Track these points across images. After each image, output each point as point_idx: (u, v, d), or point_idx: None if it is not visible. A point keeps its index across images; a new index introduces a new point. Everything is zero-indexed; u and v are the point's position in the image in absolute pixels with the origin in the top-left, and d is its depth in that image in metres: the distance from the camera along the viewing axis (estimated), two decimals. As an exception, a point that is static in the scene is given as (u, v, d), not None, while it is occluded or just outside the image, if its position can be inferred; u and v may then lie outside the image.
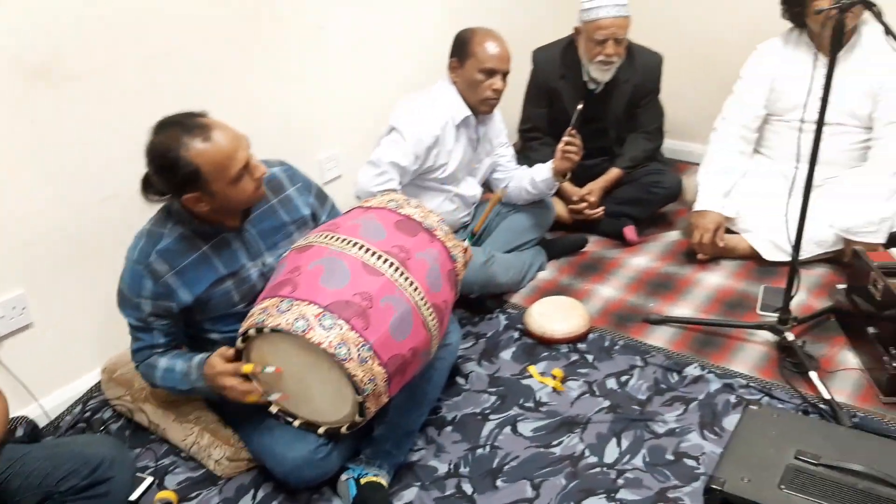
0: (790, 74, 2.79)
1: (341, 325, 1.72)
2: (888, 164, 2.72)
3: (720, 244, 2.85)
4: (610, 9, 2.81)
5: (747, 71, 2.94)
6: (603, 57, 2.88)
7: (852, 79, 2.72)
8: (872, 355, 2.21)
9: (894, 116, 2.70)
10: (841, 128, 2.82)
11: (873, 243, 2.66)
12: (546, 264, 2.95)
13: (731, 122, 2.94)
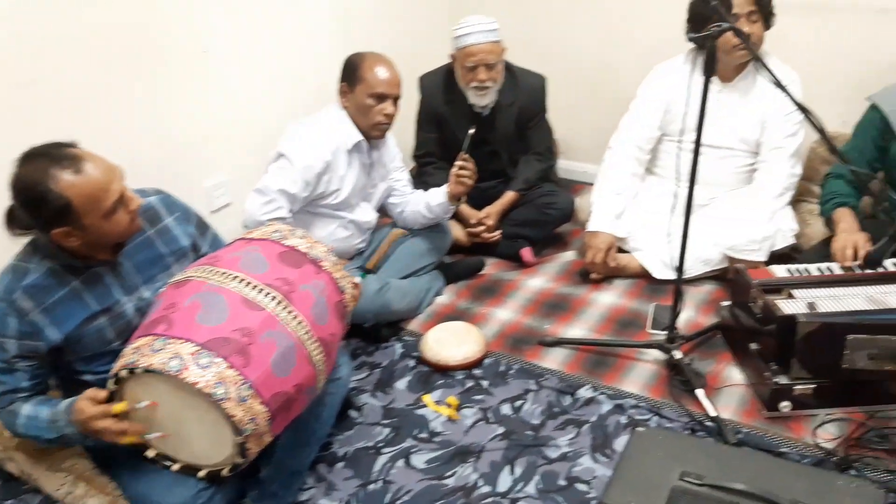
0: (685, 97, 2.87)
1: (219, 363, 1.65)
2: (771, 186, 2.84)
3: (612, 264, 2.90)
4: (478, 35, 2.85)
5: (643, 91, 3.01)
6: (476, 83, 2.92)
7: (746, 106, 2.84)
8: (755, 371, 2.28)
9: (780, 142, 2.82)
10: (731, 151, 2.92)
11: (755, 261, 2.76)
12: (444, 289, 2.94)
13: (626, 142, 3.00)
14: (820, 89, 3.12)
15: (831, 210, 2.60)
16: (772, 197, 2.82)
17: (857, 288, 2.30)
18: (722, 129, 2.87)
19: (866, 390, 2.18)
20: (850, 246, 2.39)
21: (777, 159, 2.83)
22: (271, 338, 1.74)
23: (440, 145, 3.18)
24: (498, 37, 2.91)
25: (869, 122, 2.60)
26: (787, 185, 2.84)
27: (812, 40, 3.10)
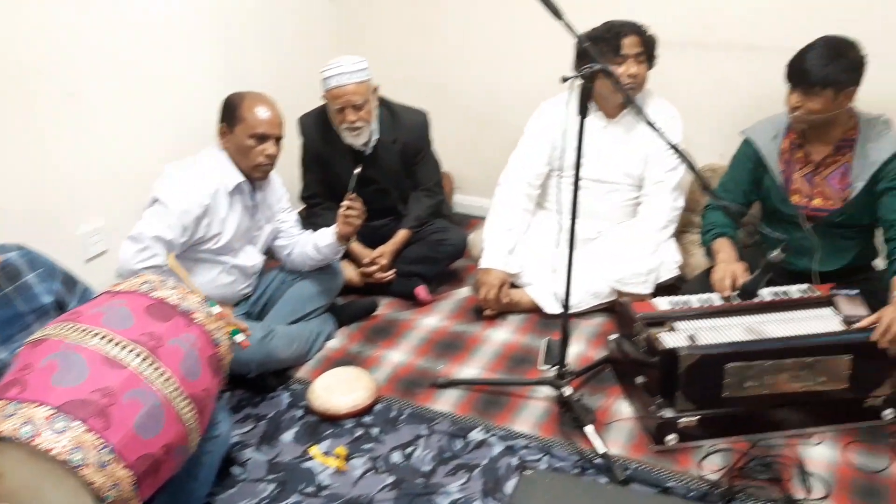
0: (571, 133, 2.92)
1: (76, 426, 1.56)
2: (655, 219, 2.91)
3: (505, 300, 2.91)
4: (342, 77, 2.85)
5: (531, 128, 3.05)
6: (346, 124, 2.91)
7: (630, 142, 2.92)
8: (642, 404, 2.31)
9: (661, 176, 2.91)
10: (616, 186, 2.99)
11: (642, 293, 2.82)
12: (335, 332, 2.88)
13: (515, 179, 3.03)
14: (700, 125, 3.25)
15: (711, 240, 2.69)
16: (655, 230, 2.90)
17: (736, 318, 2.38)
18: (607, 164, 2.94)
19: (748, 419, 2.24)
20: (727, 276, 2.47)
21: (659, 193, 2.91)
22: (135, 397, 1.66)
23: (325, 186, 3.14)
24: (366, 76, 2.90)
25: (743, 156, 2.71)
26: (671, 218, 2.92)
27: (690, 77, 3.23)
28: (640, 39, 2.78)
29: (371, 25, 3.77)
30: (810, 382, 2.20)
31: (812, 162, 2.58)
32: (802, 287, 2.51)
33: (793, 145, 2.61)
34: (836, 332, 2.27)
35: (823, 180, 2.57)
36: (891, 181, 2.46)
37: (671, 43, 3.12)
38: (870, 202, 2.52)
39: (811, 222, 2.59)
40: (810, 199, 2.59)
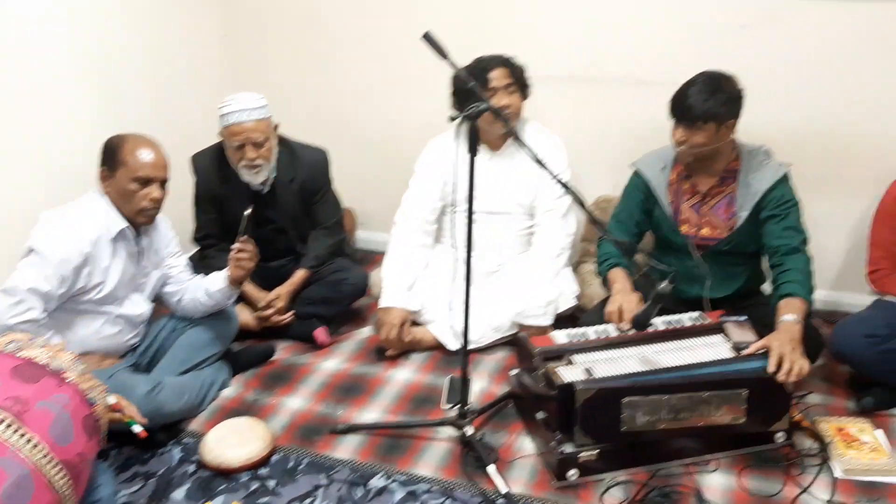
0: (460, 168, 2.94)
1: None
2: (548, 248, 2.96)
3: (407, 339, 2.88)
4: (241, 114, 2.81)
5: (421, 165, 3.06)
6: (245, 161, 2.85)
7: (517, 171, 2.95)
8: (543, 440, 2.31)
9: (551, 205, 2.96)
10: (509, 216, 3.02)
11: (542, 325, 2.84)
12: (230, 380, 2.78)
13: (409, 217, 3.03)
14: (593, 156, 3.34)
15: (606, 271, 2.73)
16: (550, 258, 2.94)
17: (632, 349, 2.42)
18: (497, 195, 2.97)
19: (647, 450, 2.26)
20: (623, 308, 2.51)
21: (550, 221, 2.96)
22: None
23: (220, 226, 3.06)
24: (266, 113, 2.86)
25: (634, 187, 2.77)
26: (564, 245, 2.97)
27: (581, 110, 3.31)
28: (508, 70, 2.83)
29: (266, 61, 3.73)
30: (709, 416, 2.24)
31: (699, 193, 2.66)
32: (694, 315, 2.57)
33: (680, 177, 2.69)
34: (725, 361, 2.33)
35: (710, 210, 2.66)
36: (773, 209, 2.57)
37: (561, 77, 3.20)
38: (755, 230, 2.62)
39: (700, 251, 2.66)
40: (699, 228, 2.67)
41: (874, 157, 2.98)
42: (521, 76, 2.87)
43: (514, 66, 2.86)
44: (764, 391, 2.25)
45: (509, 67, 2.84)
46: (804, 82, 2.99)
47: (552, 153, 2.91)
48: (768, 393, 2.25)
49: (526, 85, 2.90)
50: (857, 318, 2.59)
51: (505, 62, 2.84)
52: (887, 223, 2.67)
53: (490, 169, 2.95)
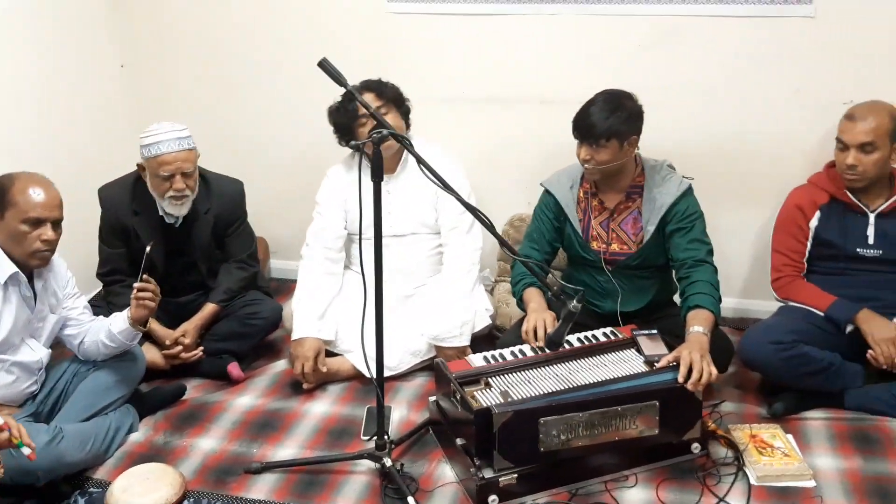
0: (355, 196, 2.90)
1: None
2: (457, 265, 2.96)
3: (323, 370, 2.83)
4: (171, 143, 2.73)
5: (321, 196, 3.05)
6: (173, 192, 2.78)
7: (417, 191, 2.94)
8: (463, 466, 2.28)
9: (454, 222, 2.97)
10: (416, 237, 3.02)
11: (460, 346, 2.83)
12: (138, 424, 2.67)
13: (314, 247, 3.00)
14: (506, 175, 3.36)
15: (521, 291, 2.75)
16: (461, 275, 2.94)
17: (548, 368, 2.43)
18: (400, 218, 2.97)
19: (566, 469, 2.27)
20: (538, 327, 2.52)
21: (456, 238, 2.97)
22: None
23: (128, 261, 2.95)
24: (193, 143, 2.81)
25: (544, 206, 2.80)
26: (473, 260, 2.98)
27: (492, 130, 3.33)
28: (374, 94, 2.84)
29: (170, 90, 3.64)
30: (624, 430, 2.26)
31: (607, 209, 2.71)
32: (607, 330, 2.61)
33: (587, 194, 2.73)
34: (638, 375, 2.36)
35: (618, 226, 2.70)
36: (678, 223, 2.63)
37: (472, 98, 3.22)
38: (662, 243, 2.67)
39: (611, 266, 2.71)
40: (608, 244, 2.71)
41: (773, 167, 3.08)
42: (393, 96, 2.88)
43: (383, 88, 2.87)
44: (675, 401, 2.28)
45: (375, 90, 2.85)
46: (703, 97, 3.08)
47: (447, 168, 2.91)
48: (679, 403, 2.29)
49: (402, 103, 2.92)
50: (764, 325, 2.67)
51: (369, 86, 2.85)
52: (787, 231, 2.77)
53: (389, 192, 2.95)
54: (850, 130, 2.59)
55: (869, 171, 2.59)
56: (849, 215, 2.69)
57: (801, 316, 2.64)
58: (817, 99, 2.97)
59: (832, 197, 2.71)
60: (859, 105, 2.65)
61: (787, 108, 3.02)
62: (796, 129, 3.03)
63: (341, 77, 2.03)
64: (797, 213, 2.74)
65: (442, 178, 2.11)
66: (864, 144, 2.56)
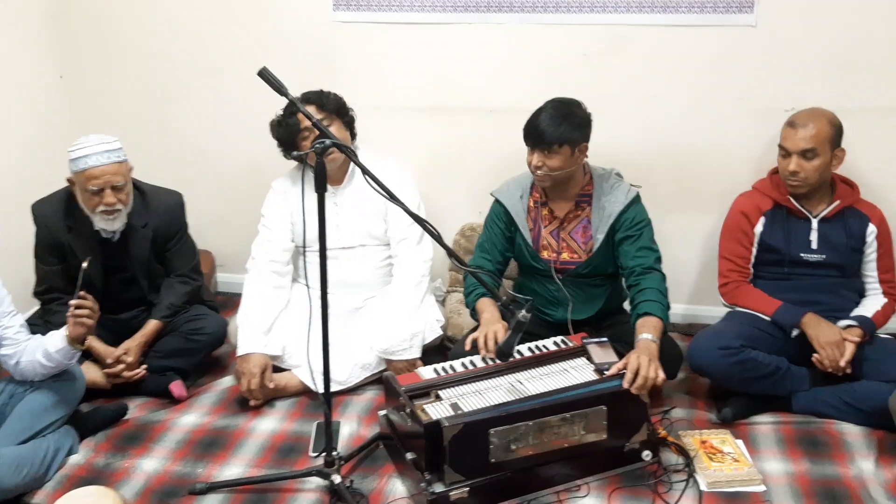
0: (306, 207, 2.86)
1: None
2: (407, 277, 2.93)
3: (270, 386, 2.77)
4: (100, 156, 2.66)
5: (266, 209, 3.00)
6: (104, 207, 2.70)
7: (365, 203, 2.91)
8: (414, 481, 2.25)
9: (404, 233, 2.95)
10: (365, 249, 2.99)
11: (411, 359, 2.80)
12: (78, 446, 2.58)
13: (260, 261, 2.95)
14: (456, 185, 3.35)
15: (474, 301, 2.72)
16: (411, 287, 2.91)
17: (499, 379, 2.42)
18: (348, 230, 2.95)
19: (518, 481, 2.25)
20: (489, 337, 2.50)
21: (406, 250, 2.95)
22: None
23: (65, 278, 2.86)
24: (123, 155, 2.73)
25: (495, 216, 2.79)
26: (423, 272, 2.96)
27: (440, 139, 3.32)
28: (316, 107, 2.81)
29: (110, 102, 3.55)
30: (573, 437, 2.26)
31: (557, 218, 2.71)
32: (557, 339, 2.61)
33: (537, 203, 2.73)
34: (588, 384, 2.36)
35: (568, 235, 2.71)
36: (627, 230, 2.64)
37: (420, 107, 3.20)
38: (611, 251, 2.69)
39: (561, 275, 2.71)
40: (559, 253, 2.71)
41: (719, 174, 3.13)
42: (334, 107, 2.85)
43: (324, 99, 2.84)
44: (621, 405, 2.29)
45: (316, 102, 2.82)
46: (648, 106, 3.11)
47: (396, 179, 2.89)
48: (625, 406, 2.30)
49: (345, 113, 2.90)
50: (712, 331, 2.69)
51: (310, 98, 2.82)
52: (733, 237, 2.80)
53: (336, 204, 2.93)
54: (792, 137, 2.63)
55: (811, 177, 2.63)
56: (792, 221, 2.73)
57: (748, 321, 2.67)
58: (760, 106, 3.02)
59: (776, 203, 2.75)
60: (800, 112, 2.70)
61: (731, 116, 3.07)
62: (740, 137, 3.08)
63: (282, 87, 2.00)
64: (742, 220, 2.78)
65: (386, 189, 2.08)
66: (805, 151, 2.61)
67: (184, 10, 3.36)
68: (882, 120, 2.95)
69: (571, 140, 2.54)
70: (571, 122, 2.53)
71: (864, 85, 2.93)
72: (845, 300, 2.72)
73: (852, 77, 2.92)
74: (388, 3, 3.15)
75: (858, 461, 2.41)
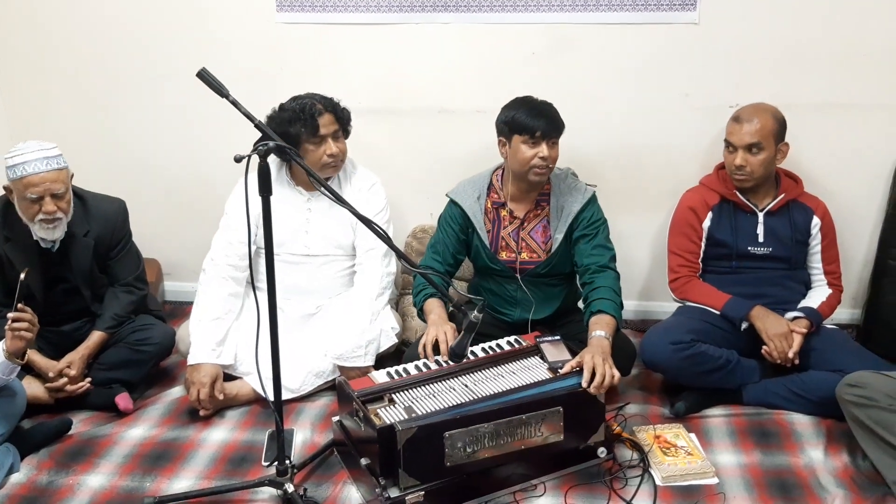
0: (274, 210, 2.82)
1: None
2: (369, 288, 2.89)
3: (221, 396, 2.72)
4: (38, 163, 2.58)
5: (231, 206, 2.92)
6: (44, 215, 2.62)
7: (337, 212, 2.84)
8: (369, 486, 2.22)
9: (371, 244, 2.90)
10: (328, 258, 2.95)
11: (364, 366, 2.77)
12: (19, 464, 2.49)
13: (219, 262, 2.89)
14: (406, 186, 3.33)
15: (422, 301, 2.71)
16: (371, 299, 2.87)
17: (453, 381, 2.40)
18: (317, 237, 2.91)
19: (474, 483, 2.24)
20: (439, 340, 2.48)
21: (371, 260, 2.91)
22: None
23: (4, 291, 2.77)
24: (64, 162, 2.66)
25: (450, 217, 2.78)
26: (384, 285, 2.92)
27: (390, 141, 3.30)
28: (333, 116, 2.80)
29: (47, 109, 3.45)
30: (530, 438, 2.25)
31: (517, 218, 2.71)
32: (511, 339, 2.60)
33: (496, 204, 2.73)
34: (542, 382, 2.36)
35: (528, 235, 2.72)
36: (584, 229, 2.67)
37: (368, 109, 3.18)
38: (569, 251, 2.71)
39: (520, 275, 2.71)
40: (518, 253, 2.71)
41: (666, 171, 3.16)
42: (346, 121, 2.86)
43: (341, 111, 2.84)
44: (578, 406, 2.29)
45: (335, 113, 2.81)
46: (596, 104, 3.12)
47: (372, 193, 2.93)
48: (583, 407, 2.30)
49: (349, 129, 2.90)
50: (663, 326, 2.72)
51: (333, 107, 2.81)
52: (681, 232, 2.84)
53: (308, 210, 2.90)
54: (738, 132, 2.68)
55: (756, 170, 2.68)
56: (739, 215, 2.78)
57: (698, 315, 2.71)
58: (705, 103, 3.06)
59: (722, 197, 2.79)
60: (745, 107, 2.74)
61: (677, 113, 3.10)
62: (686, 133, 3.12)
63: (222, 88, 1.96)
64: (690, 215, 2.82)
65: (333, 191, 2.05)
66: (750, 146, 2.65)
67: (122, 14, 3.27)
68: (824, 114, 3.01)
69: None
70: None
71: (806, 80, 2.99)
72: (792, 292, 2.78)
73: (795, 73, 2.98)
74: (333, 4, 3.12)
75: (808, 450, 2.46)
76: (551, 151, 2.58)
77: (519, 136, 2.58)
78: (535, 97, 2.64)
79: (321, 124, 2.75)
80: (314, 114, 2.76)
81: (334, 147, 2.79)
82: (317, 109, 2.77)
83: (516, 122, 2.57)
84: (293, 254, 2.92)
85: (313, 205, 2.91)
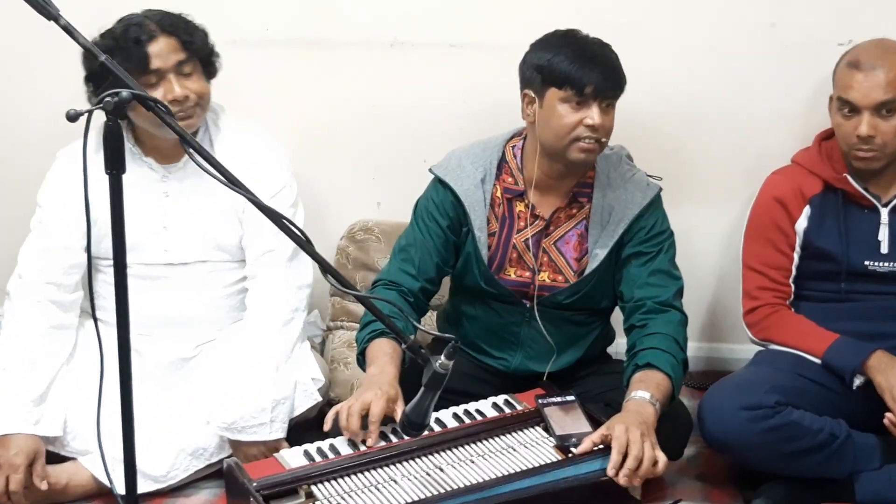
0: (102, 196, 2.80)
1: None
2: (272, 313, 2.88)
3: (42, 486, 2.68)
4: None
5: (45, 197, 2.92)
6: None
7: (211, 194, 2.85)
8: None
9: (269, 243, 2.88)
10: (206, 265, 2.96)
11: (272, 440, 2.76)
12: None
13: (33, 283, 2.87)
14: (341, 161, 3.39)
15: (366, 342, 2.67)
16: (275, 329, 2.87)
17: (410, 464, 2.40)
18: (181, 235, 2.92)
19: None
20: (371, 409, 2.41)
21: (270, 270, 2.90)
22: None
23: None
24: None
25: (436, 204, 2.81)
26: (295, 305, 2.92)
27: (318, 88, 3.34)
28: (177, 41, 2.76)
29: None
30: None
31: (541, 219, 2.73)
32: (499, 400, 2.63)
33: (512, 193, 2.74)
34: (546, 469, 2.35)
35: (553, 245, 2.74)
36: (640, 245, 2.71)
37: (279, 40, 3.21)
38: (612, 274, 2.73)
39: (530, 302, 2.73)
40: (535, 272, 2.74)
41: (741, 143, 3.24)
42: (203, 46, 2.83)
43: (191, 31, 2.80)
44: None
45: (177, 35, 2.76)
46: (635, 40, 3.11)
47: (264, 163, 2.91)
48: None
49: (211, 59, 2.87)
50: (733, 382, 2.72)
51: (175, 27, 2.76)
52: (764, 237, 2.86)
53: (167, 194, 2.90)
54: (859, 85, 2.68)
55: (890, 143, 2.68)
56: (852, 212, 2.80)
57: (787, 366, 2.72)
58: (802, 37, 3.10)
59: (827, 185, 2.81)
60: (867, 46, 2.75)
61: (758, 53, 3.15)
62: (772, 84, 3.16)
63: (48, 4, 1.91)
64: (777, 211, 2.83)
65: (223, 169, 2.02)
66: (881, 104, 2.65)
67: None
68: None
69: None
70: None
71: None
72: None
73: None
74: None
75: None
76: (605, 119, 2.59)
77: (558, 90, 2.58)
78: (583, 33, 2.64)
79: (152, 53, 2.71)
80: (141, 39, 2.71)
81: (177, 88, 2.75)
82: (146, 32, 2.72)
83: (555, 69, 2.57)
84: (148, 263, 2.90)
85: (173, 185, 2.91)
